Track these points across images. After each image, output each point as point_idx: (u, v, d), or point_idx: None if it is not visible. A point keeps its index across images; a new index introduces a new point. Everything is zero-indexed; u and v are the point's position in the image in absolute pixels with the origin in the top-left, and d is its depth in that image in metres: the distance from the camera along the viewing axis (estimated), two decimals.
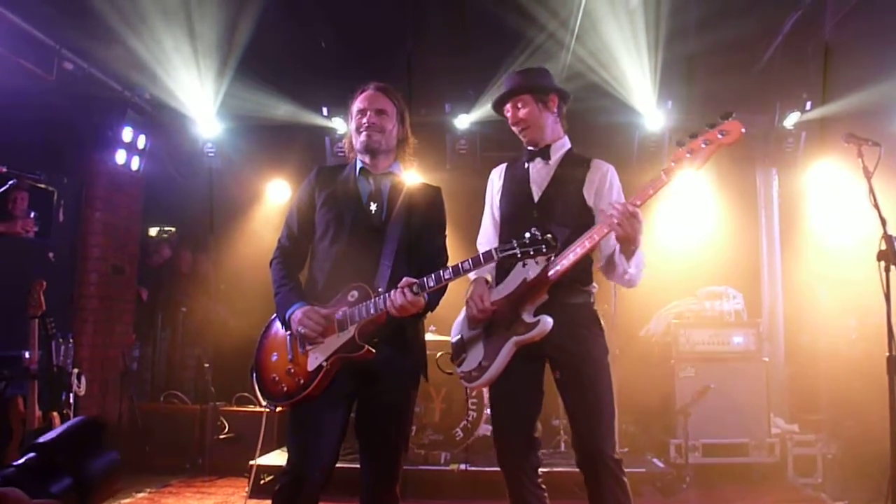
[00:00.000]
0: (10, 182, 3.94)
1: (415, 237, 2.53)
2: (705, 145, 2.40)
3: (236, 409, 5.58)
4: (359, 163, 2.61)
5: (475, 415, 5.04)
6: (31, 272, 4.48)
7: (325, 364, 2.35)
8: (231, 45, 5.19)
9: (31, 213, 4.98)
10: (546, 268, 2.50)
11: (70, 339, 4.80)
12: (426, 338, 2.71)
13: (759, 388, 5.19)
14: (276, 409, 3.30)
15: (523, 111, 2.72)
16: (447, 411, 5.06)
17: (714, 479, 5.00)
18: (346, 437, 2.45)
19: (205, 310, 6.52)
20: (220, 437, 5.40)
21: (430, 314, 2.52)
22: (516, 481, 2.59)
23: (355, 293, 2.39)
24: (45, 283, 4.32)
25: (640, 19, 4.94)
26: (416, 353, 2.55)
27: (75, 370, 4.61)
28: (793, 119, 5.74)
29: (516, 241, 2.23)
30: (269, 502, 2.38)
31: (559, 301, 2.55)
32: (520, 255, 2.23)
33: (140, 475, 5.07)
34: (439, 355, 3.96)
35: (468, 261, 2.31)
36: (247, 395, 5.56)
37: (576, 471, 2.61)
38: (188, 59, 5.31)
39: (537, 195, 2.70)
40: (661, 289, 5.69)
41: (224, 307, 6.45)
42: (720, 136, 2.40)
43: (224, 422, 5.44)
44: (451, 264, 2.36)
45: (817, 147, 5.72)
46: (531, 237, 2.21)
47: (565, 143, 2.79)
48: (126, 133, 5.69)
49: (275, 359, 2.48)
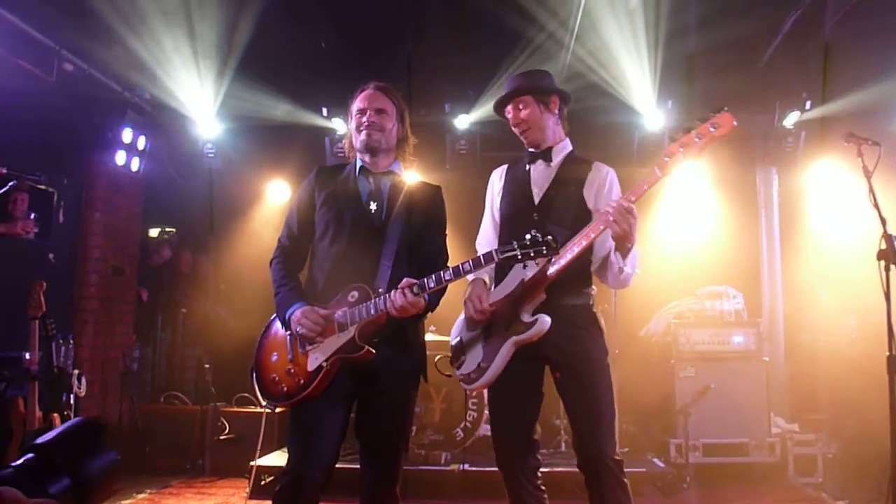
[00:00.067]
0: (11, 183, 3.94)
1: (415, 236, 2.53)
2: (698, 139, 2.43)
3: (236, 409, 5.58)
4: (359, 162, 2.61)
5: (475, 415, 5.04)
6: (31, 273, 4.47)
7: (325, 364, 2.35)
8: (231, 46, 5.19)
9: (32, 215, 4.98)
10: (544, 266, 2.50)
11: (70, 340, 4.80)
12: (426, 338, 2.71)
13: (760, 387, 5.19)
14: (276, 410, 3.30)
15: (525, 112, 2.72)
16: (447, 411, 5.06)
17: (714, 479, 4.99)
18: (346, 437, 2.45)
19: (205, 310, 6.52)
20: (221, 437, 5.40)
21: (430, 314, 2.53)
22: (515, 482, 2.59)
23: (355, 294, 2.39)
24: (45, 284, 4.32)
25: (640, 19, 4.94)
26: (416, 354, 2.55)
27: (76, 371, 4.60)
28: (793, 118, 5.73)
29: (517, 243, 2.22)
30: (269, 503, 2.39)
31: (558, 302, 2.55)
32: (520, 257, 2.22)
33: (140, 476, 5.08)
34: (438, 358, 3.97)
35: (469, 262, 2.31)
36: (247, 395, 5.57)
37: (576, 471, 2.61)
38: (188, 59, 5.31)
39: (538, 197, 2.69)
40: (661, 288, 5.70)
41: (224, 308, 6.45)
42: (712, 130, 2.42)
43: (224, 422, 5.44)
44: (451, 265, 2.36)
45: (817, 146, 5.71)
46: (532, 238, 2.21)
47: (567, 146, 2.79)
48: (126, 134, 5.69)
49: (275, 359, 2.48)
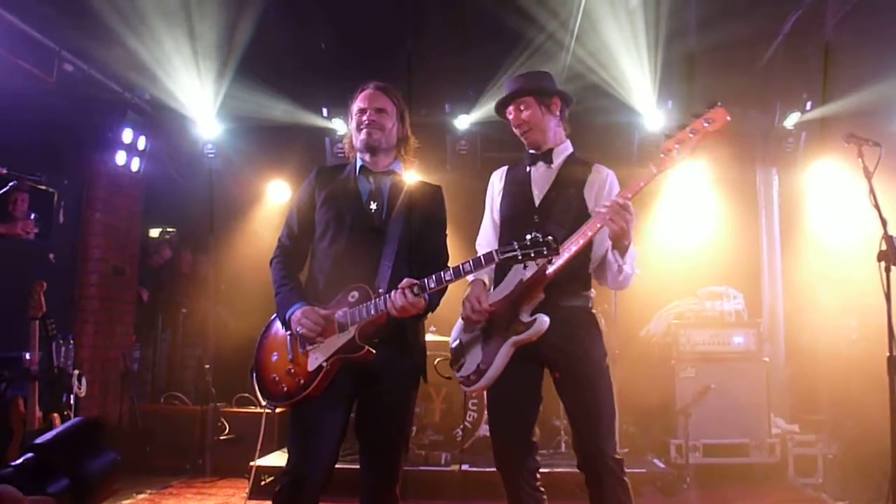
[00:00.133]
0: (11, 184, 3.94)
1: (415, 236, 2.52)
2: (692, 135, 2.47)
3: (237, 409, 5.58)
4: (359, 161, 2.61)
5: (475, 415, 5.04)
6: (31, 273, 4.48)
7: (325, 364, 2.35)
8: (231, 46, 5.19)
9: (32, 215, 4.97)
10: (542, 266, 2.50)
11: (70, 341, 4.80)
12: (426, 338, 2.71)
13: (760, 388, 5.19)
14: (276, 410, 3.29)
15: (526, 113, 2.72)
16: (447, 412, 5.07)
17: (715, 480, 4.99)
18: (346, 437, 2.45)
19: (205, 310, 6.51)
20: (221, 437, 5.40)
21: (430, 315, 2.53)
22: (514, 484, 2.60)
23: (356, 294, 2.38)
24: (45, 284, 4.32)
25: (640, 19, 4.94)
26: (416, 354, 2.55)
27: (76, 371, 4.60)
28: (793, 119, 5.73)
29: (517, 243, 2.22)
30: (269, 503, 2.38)
31: (556, 304, 2.55)
32: (520, 257, 2.22)
33: (140, 476, 5.07)
34: (437, 361, 3.97)
35: (469, 262, 2.31)
36: (247, 395, 5.57)
37: (576, 471, 2.60)
38: (188, 60, 5.31)
39: (538, 198, 2.69)
40: (661, 289, 5.70)
41: (224, 308, 6.44)
42: (706, 125, 2.46)
43: (224, 423, 5.44)
44: (451, 265, 2.36)
45: (817, 147, 5.71)
46: (532, 239, 2.20)
47: (567, 147, 2.79)
48: (126, 134, 5.69)
49: (275, 359, 2.48)
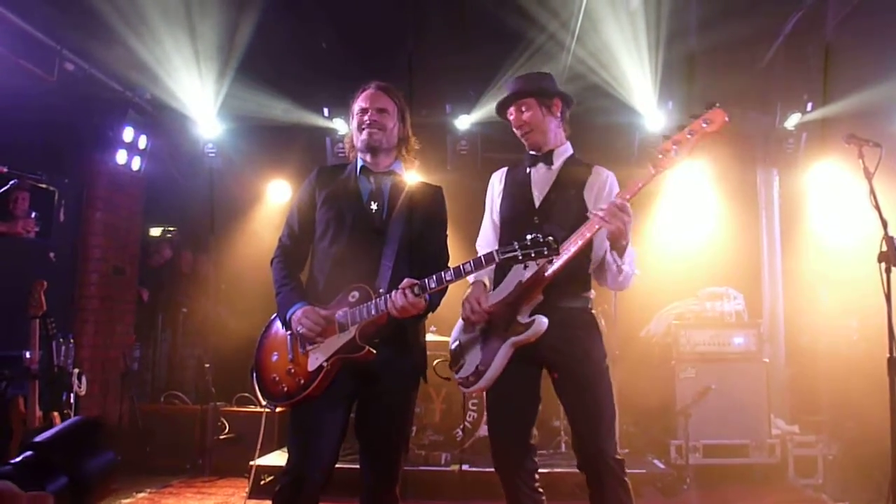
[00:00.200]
0: (12, 182, 3.94)
1: (416, 237, 2.52)
2: (690, 135, 2.48)
3: (237, 409, 5.58)
4: (360, 161, 2.61)
5: (475, 416, 5.03)
6: (31, 272, 4.48)
7: (325, 364, 2.35)
8: (232, 46, 5.19)
9: (32, 214, 4.97)
10: (541, 267, 2.50)
11: (71, 340, 4.80)
12: (427, 339, 2.71)
13: (760, 388, 5.18)
14: (277, 410, 3.29)
15: (527, 114, 2.72)
16: (447, 412, 5.06)
17: (715, 480, 4.99)
18: (346, 437, 2.45)
19: (205, 310, 6.52)
20: (221, 437, 5.40)
21: (431, 315, 2.53)
22: (512, 485, 2.60)
23: (356, 294, 2.38)
24: (45, 283, 4.32)
25: (641, 20, 4.94)
26: (416, 355, 2.55)
27: (76, 370, 4.61)
28: (794, 120, 5.73)
29: (517, 244, 2.22)
30: (269, 503, 2.38)
31: (556, 305, 2.55)
32: (521, 258, 2.22)
33: (140, 475, 5.08)
34: (436, 362, 3.96)
35: (469, 262, 2.31)
36: (247, 395, 5.56)
37: (576, 471, 2.60)
38: (189, 59, 5.31)
39: (538, 199, 2.69)
40: (661, 289, 5.69)
41: (224, 308, 6.44)
42: (704, 126, 2.47)
43: (224, 422, 5.44)
44: (452, 265, 2.36)
45: (818, 148, 5.70)
46: (532, 239, 2.21)
47: (568, 149, 2.80)
48: (127, 133, 5.69)
49: (275, 359, 2.48)
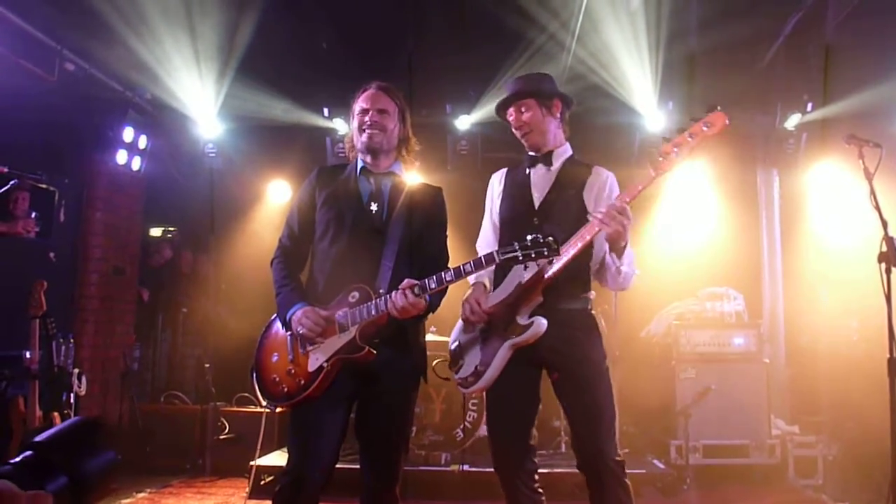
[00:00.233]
0: (12, 182, 3.94)
1: (416, 237, 2.52)
2: (691, 138, 2.48)
3: (237, 409, 5.58)
4: (360, 162, 2.61)
5: (475, 416, 5.03)
6: (31, 272, 4.48)
7: (325, 365, 2.35)
8: (232, 46, 5.19)
9: (33, 214, 4.97)
10: (541, 269, 2.50)
11: (71, 340, 4.80)
12: (427, 339, 2.71)
13: (760, 389, 5.18)
14: (277, 410, 3.29)
15: (527, 115, 2.72)
16: (447, 412, 5.06)
17: (715, 481, 4.99)
18: (346, 437, 2.45)
19: (205, 310, 6.52)
20: (221, 437, 5.40)
21: (431, 315, 2.53)
22: (511, 485, 2.60)
23: (356, 294, 2.38)
24: (45, 283, 4.33)
25: (641, 20, 4.94)
26: (416, 355, 2.55)
27: (76, 370, 4.61)
28: (794, 120, 5.73)
29: (518, 244, 2.22)
30: (269, 503, 2.39)
31: (555, 306, 2.55)
32: (521, 258, 2.22)
33: (140, 475, 5.07)
34: (436, 363, 3.97)
35: (470, 263, 2.31)
36: (247, 395, 5.56)
37: (576, 471, 2.60)
38: (189, 59, 5.31)
39: (538, 200, 2.69)
40: (661, 290, 5.70)
41: (224, 308, 6.44)
42: (705, 128, 2.47)
43: (224, 422, 5.44)
44: (452, 266, 2.36)
45: (818, 148, 5.70)
46: (533, 240, 2.21)
47: (567, 150, 2.80)
48: (127, 133, 5.68)
49: (275, 359, 2.48)
